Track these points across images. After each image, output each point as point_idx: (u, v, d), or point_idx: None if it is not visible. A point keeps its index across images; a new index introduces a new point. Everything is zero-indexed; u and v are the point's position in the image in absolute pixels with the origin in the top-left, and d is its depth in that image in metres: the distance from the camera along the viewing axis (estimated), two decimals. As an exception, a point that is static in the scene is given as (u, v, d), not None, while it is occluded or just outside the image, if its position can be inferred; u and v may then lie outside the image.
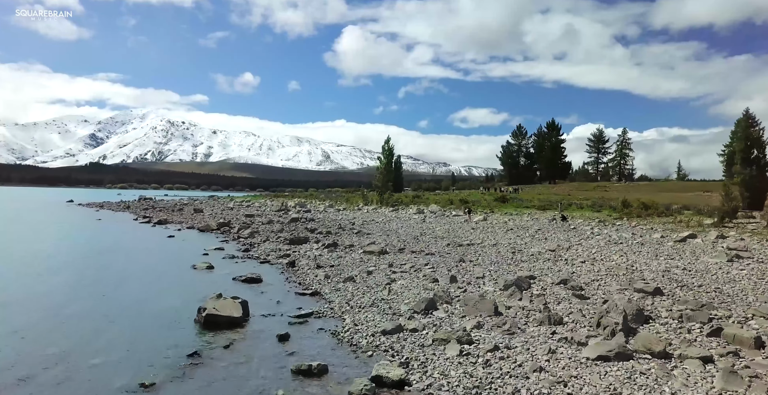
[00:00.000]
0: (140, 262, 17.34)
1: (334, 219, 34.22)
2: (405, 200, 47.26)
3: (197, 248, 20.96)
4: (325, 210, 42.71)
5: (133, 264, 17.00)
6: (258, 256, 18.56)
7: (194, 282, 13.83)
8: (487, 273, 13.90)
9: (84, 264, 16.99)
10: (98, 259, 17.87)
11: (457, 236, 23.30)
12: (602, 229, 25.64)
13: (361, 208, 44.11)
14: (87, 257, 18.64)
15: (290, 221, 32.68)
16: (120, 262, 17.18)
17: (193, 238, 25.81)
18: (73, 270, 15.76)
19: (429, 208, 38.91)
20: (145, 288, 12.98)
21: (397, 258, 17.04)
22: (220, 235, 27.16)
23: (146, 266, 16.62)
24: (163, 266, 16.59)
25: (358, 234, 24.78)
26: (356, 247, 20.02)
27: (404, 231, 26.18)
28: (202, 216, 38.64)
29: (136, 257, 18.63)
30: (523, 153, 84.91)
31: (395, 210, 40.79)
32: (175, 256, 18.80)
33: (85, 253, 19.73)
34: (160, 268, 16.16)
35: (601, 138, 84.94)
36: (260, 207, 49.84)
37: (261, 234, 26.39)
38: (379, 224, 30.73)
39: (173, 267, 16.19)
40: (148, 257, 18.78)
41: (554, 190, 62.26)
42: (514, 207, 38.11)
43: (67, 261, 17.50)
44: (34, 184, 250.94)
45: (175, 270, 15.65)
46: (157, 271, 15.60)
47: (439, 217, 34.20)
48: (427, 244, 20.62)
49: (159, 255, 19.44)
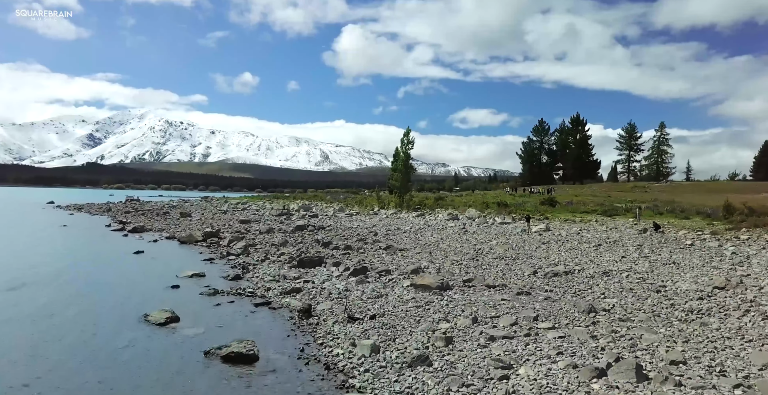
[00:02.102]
0: (61, 307, 11.00)
1: (348, 227, 27.89)
2: (429, 203, 40.58)
3: (168, 273, 14.75)
4: (334, 214, 36.24)
5: (45, 312, 10.67)
6: (253, 291, 12.34)
7: (129, 367, 7.51)
8: (680, 349, 7.58)
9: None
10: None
11: (531, 256, 16.92)
12: (739, 247, 18.38)
13: (378, 213, 37.63)
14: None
15: (295, 229, 26.42)
16: (26, 307, 10.88)
17: (168, 254, 19.56)
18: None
19: (465, 214, 32.27)
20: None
21: (471, 299, 10.81)
22: (205, 249, 20.96)
23: (63, 320, 9.88)
24: (91, 317, 10.07)
25: (389, 251, 18.51)
26: (395, 275, 13.80)
27: (448, 245, 19.88)
28: (188, 222, 32.39)
29: (64, 293, 12.33)
30: (545, 150, 78.13)
31: (421, 215, 34.34)
32: (127, 292, 12.52)
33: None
34: (83, 323, 9.64)
35: (633, 134, 76.42)
36: (258, 211, 43.54)
37: (258, 248, 20.18)
38: (408, 234, 24.42)
39: (108, 321, 9.83)
40: (84, 293, 12.47)
41: (584, 190, 55.99)
42: (570, 212, 31.72)
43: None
44: (30, 184, 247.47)
45: (108, 330, 9.22)
46: (75, 332, 9.16)
47: (482, 226, 27.82)
48: (500, 271, 14.34)
49: (103, 288, 13.14)
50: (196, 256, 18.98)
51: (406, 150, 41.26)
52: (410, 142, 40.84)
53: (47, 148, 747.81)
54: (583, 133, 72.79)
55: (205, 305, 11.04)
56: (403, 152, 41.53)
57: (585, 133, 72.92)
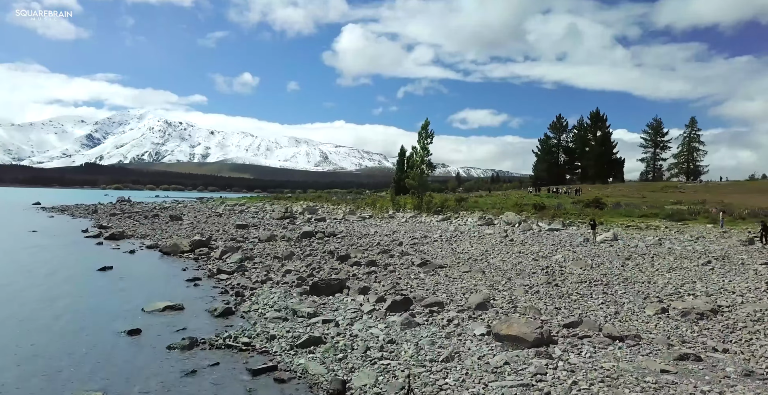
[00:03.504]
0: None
1: (365, 234, 23.62)
2: (451, 204, 36.03)
3: (132, 305, 10.65)
4: (345, 218, 31.88)
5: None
6: (250, 341, 8.13)
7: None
8: None
9: None
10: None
11: (626, 279, 12.40)
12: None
13: (393, 216, 33.28)
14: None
15: (301, 237, 22.22)
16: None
17: (142, 272, 15.37)
18: None
19: (503, 218, 27.71)
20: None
21: (601, 365, 6.59)
22: (192, 263, 16.82)
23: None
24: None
25: (427, 269, 14.29)
26: (452, 310, 9.64)
27: (501, 261, 15.60)
28: (177, 227, 28.23)
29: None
30: (563, 148, 73.40)
31: (446, 219, 30.01)
32: (57, 346, 8.33)
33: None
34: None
35: (659, 130, 71.16)
36: (257, 213, 39.33)
37: (257, 262, 16.03)
38: (440, 244, 20.16)
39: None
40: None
41: (612, 191, 51.75)
42: (624, 216, 27.27)
43: None
44: (27, 184, 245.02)
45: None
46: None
47: (528, 233, 23.58)
48: (603, 305, 10.05)
49: (21, 337, 8.96)
50: (177, 274, 14.80)
51: (425, 144, 36.63)
52: (429, 135, 36.21)
53: (46, 148, 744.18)
54: (604, 129, 68.26)
55: (172, 376, 6.85)
56: (421, 147, 36.89)
57: (606, 129, 68.44)
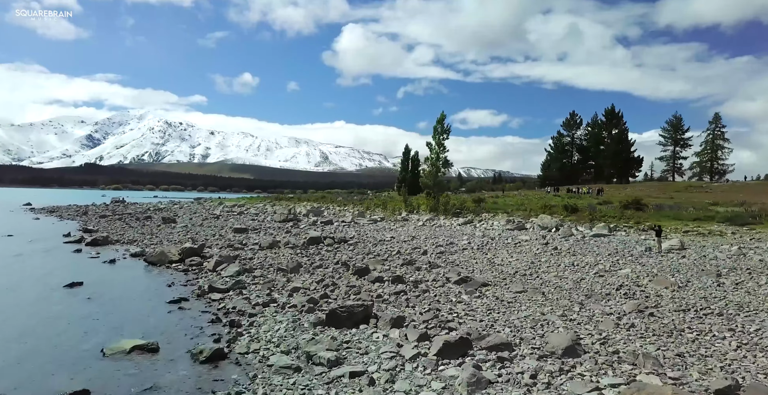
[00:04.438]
0: None
1: (380, 240, 20.77)
2: (470, 206, 32.97)
3: (94, 340, 8.02)
4: (354, 221, 29.02)
5: None
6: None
7: None
8: None
9: None
10: None
11: (736, 304, 9.71)
12: None
13: (408, 218, 30.46)
14: None
15: (308, 243, 19.53)
16: None
17: (117, 289, 12.70)
18: None
19: (536, 221, 24.35)
20: None
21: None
22: (180, 276, 14.17)
23: None
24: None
25: (467, 287, 11.61)
26: (527, 357, 7.00)
27: (557, 277, 12.82)
28: (169, 231, 25.55)
29: None
30: (576, 146, 70.00)
31: (468, 222, 26.95)
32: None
33: None
34: None
35: (679, 127, 67.08)
36: (258, 215, 36.62)
37: (258, 276, 13.38)
38: (472, 253, 17.34)
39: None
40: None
41: (634, 191, 49.02)
42: (672, 218, 24.27)
43: None
44: (26, 185, 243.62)
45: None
46: None
47: (571, 239, 20.65)
48: (738, 347, 7.23)
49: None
50: (160, 293, 12.13)
51: (440, 140, 33.21)
52: (445, 130, 33.03)
53: (46, 148, 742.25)
54: (620, 127, 65.25)
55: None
56: (436, 142, 33.39)
57: (623, 127, 65.43)
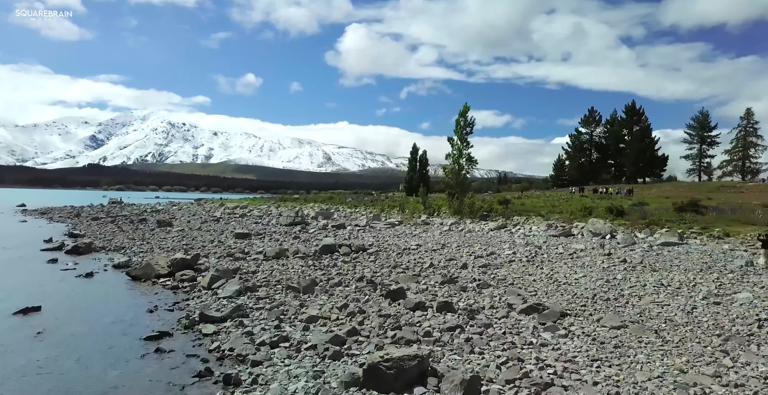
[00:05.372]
0: None
1: (404, 249, 17.80)
2: (497, 208, 29.73)
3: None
4: (368, 224, 26.05)
5: None
6: None
7: None
8: None
9: None
10: None
11: None
12: None
13: (429, 222, 27.56)
14: None
15: (320, 252, 16.72)
16: None
17: (84, 319, 9.94)
18: None
19: (587, 226, 21.07)
20: None
21: None
22: (167, 296, 11.44)
23: None
24: None
25: (540, 317, 8.77)
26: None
27: (653, 302, 9.85)
28: (163, 236, 22.83)
29: None
30: (595, 144, 66.63)
31: (502, 227, 23.90)
32: None
33: None
34: None
35: (705, 123, 63.01)
36: (262, 218, 33.87)
37: (264, 299, 10.62)
38: (524, 267, 14.43)
39: None
40: None
41: (655, 191, 46.10)
42: (740, 223, 21.20)
43: None
44: (29, 185, 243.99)
45: None
46: None
47: (632, 248, 17.55)
48: None
49: None
50: (137, 323, 9.37)
51: (464, 134, 29.84)
52: (469, 123, 29.76)
53: (50, 149, 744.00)
54: (642, 123, 62.10)
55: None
56: (459, 137, 29.94)
57: (645, 123, 62.22)
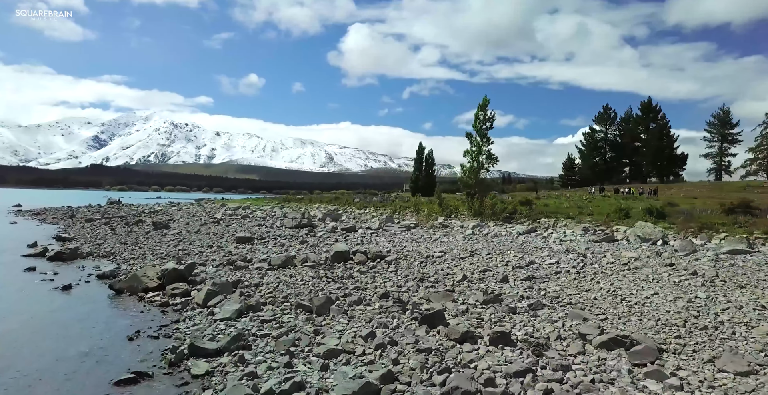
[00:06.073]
0: None
1: (427, 256, 15.66)
2: (521, 209, 27.44)
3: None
4: (381, 227, 24.02)
5: None
6: None
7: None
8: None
9: None
10: None
11: None
12: None
13: (448, 225, 25.46)
14: None
15: (332, 260, 14.76)
16: None
17: (48, 350, 8.00)
18: None
19: (634, 231, 18.78)
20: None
21: None
22: (155, 317, 9.52)
23: None
24: None
25: (632, 358, 6.80)
26: None
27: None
28: (158, 240, 20.94)
29: None
30: (609, 142, 64.66)
31: (532, 230, 21.78)
32: None
33: None
34: None
35: (726, 121, 60.18)
36: (265, 220, 31.95)
37: (269, 321, 8.63)
38: (575, 280, 12.38)
39: None
40: None
41: (675, 191, 44.02)
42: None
43: None
44: (32, 185, 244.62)
45: None
46: None
47: (695, 257, 14.82)
48: None
49: None
50: (112, 356, 7.43)
51: (484, 130, 27.60)
52: (488, 117, 27.56)
53: (53, 149, 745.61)
54: (660, 120, 59.95)
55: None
56: (479, 133, 27.69)
57: (663, 121, 60.09)
